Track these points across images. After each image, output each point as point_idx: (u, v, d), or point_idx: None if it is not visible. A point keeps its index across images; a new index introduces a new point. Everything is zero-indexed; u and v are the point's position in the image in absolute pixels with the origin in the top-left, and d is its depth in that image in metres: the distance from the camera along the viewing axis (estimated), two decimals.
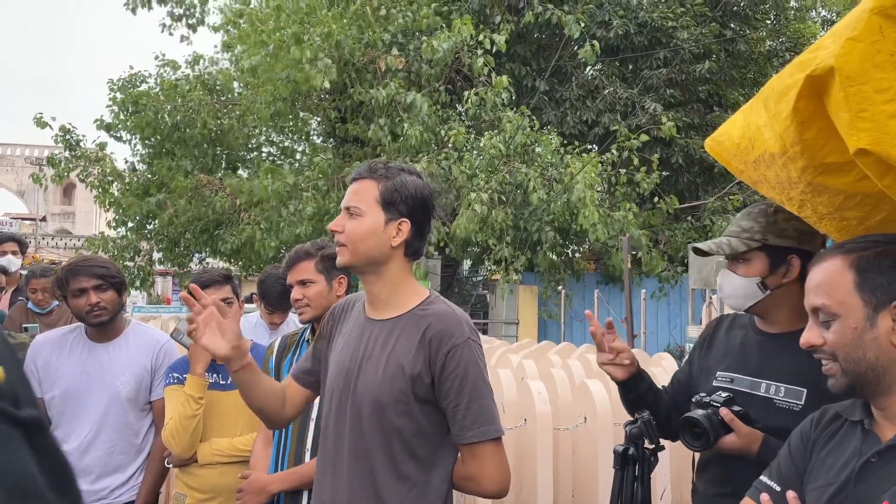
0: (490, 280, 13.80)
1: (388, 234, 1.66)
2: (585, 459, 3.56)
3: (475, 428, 1.60)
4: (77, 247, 30.61)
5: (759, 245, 1.78)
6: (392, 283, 1.69)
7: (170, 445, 2.43)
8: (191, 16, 13.15)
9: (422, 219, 1.70)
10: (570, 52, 12.36)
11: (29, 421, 0.42)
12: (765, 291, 1.78)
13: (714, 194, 13.06)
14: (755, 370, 1.80)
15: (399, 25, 10.59)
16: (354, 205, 1.67)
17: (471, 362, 1.62)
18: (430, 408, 1.63)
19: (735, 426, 1.68)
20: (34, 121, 12.12)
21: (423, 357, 1.61)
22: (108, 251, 12.49)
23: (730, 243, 1.80)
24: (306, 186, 10.23)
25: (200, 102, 11.94)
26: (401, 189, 1.67)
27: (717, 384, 1.85)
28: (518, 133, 9.85)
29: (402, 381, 1.60)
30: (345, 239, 1.66)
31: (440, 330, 1.62)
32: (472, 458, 1.63)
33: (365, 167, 1.71)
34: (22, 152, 40.57)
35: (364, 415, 1.62)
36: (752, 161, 1.53)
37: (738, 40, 13.59)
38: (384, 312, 1.70)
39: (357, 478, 1.62)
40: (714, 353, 1.93)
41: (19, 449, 0.40)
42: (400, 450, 1.61)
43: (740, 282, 1.80)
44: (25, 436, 0.41)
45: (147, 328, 2.79)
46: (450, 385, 1.60)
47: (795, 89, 1.22)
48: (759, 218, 1.80)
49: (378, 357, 1.65)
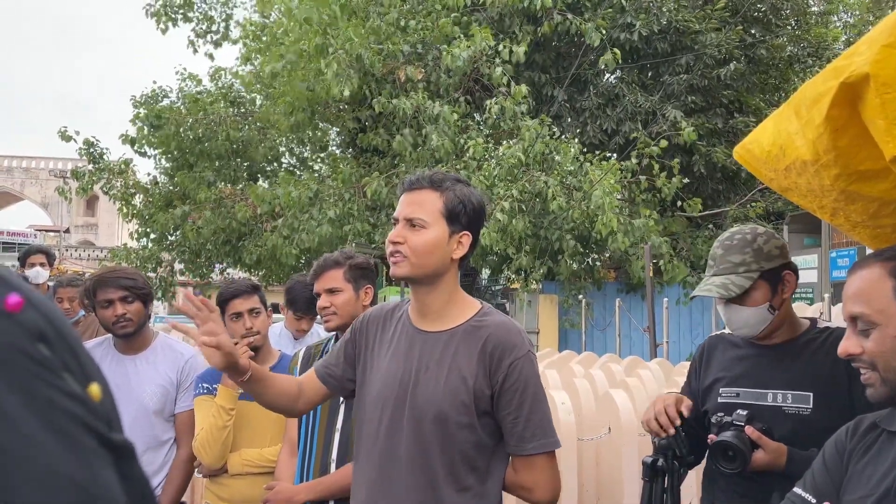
0: (509, 289, 13.76)
1: (450, 248, 1.65)
2: (610, 470, 3.53)
3: (535, 440, 1.61)
4: (100, 258, 31.01)
5: (758, 275, 1.80)
6: (446, 294, 1.68)
7: (200, 456, 2.44)
8: (215, 32, 13.36)
9: (478, 231, 1.70)
10: (590, 60, 12.33)
11: (120, 445, 0.42)
12: (774, 313, 1.82)
13: (736, 202, 12.95)
14: (759, 381, 1.83)
15: (418, 37, 10.65)
16: (419, 217, 1.63)
17: (531, 374, 1.62)
18: (488, 419, 1.63)
19: (763, 443, 1.69)
20: (59, 134, 12.32)
21: (483, 369, 1.60)
22: (131, 262, 12.64)
23: (733, 283, 1.81)
24: (329, 195, 10.29)
25: (222, 115, 12.08)
26: (465, 202, 1.65)
27: (723, 400, 1.87)
28: (537, 141, 9.84)
29: (464, 394, 1.59)
30: (407, 251, 1.62)
31: (502, 342, 1.61)
32: (527, 469, 1.63)
33: (425, 177, 1.68)
34: (46, 165, 41.26)
35: (425, 427, 1.60)
36: (782, 169, 1.52)
37: (760, 45, 13.49)
38: (437, 324, 1.68)
39: (416, 491, 1.60)
40: (713, 372, 1.95)
41: (106, 470, 0.40)
42: (460, 462, 1.61)
43: (749, 312, 1.82)
44: (114, 460, 0.41)
45: (174, 341, 2.80)
46: (510, 397, 1.60)
47: (829, 96, 1.21)
48: (746, 249, 1.83)
49: (436, 369, 1.63)
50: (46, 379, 0.38)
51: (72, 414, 0.39)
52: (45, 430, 0.37)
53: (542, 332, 12.62)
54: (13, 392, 0.36)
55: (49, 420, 0.37)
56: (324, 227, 9.72)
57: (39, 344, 0.39)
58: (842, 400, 1.70)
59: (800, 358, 1.81)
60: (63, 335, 0.41)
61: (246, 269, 12.00)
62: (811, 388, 1.75)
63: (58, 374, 0.39)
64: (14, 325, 0.38)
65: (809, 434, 1.68)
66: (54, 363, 0.39)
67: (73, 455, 0.38)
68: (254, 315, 2.55)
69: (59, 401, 0.38)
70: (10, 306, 0.39)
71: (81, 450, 0.38)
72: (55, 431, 0.37)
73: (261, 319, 2.57)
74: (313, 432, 2.24)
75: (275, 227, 10.53)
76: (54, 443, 0.37)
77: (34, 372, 0.38)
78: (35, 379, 0.38)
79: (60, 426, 0.38)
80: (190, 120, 12.07)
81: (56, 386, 0.39)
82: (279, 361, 2.62)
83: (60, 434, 0.37)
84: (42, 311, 0.41)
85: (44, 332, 0.40)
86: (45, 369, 0.38)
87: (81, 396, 0.40)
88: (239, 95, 13.49)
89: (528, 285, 10.53)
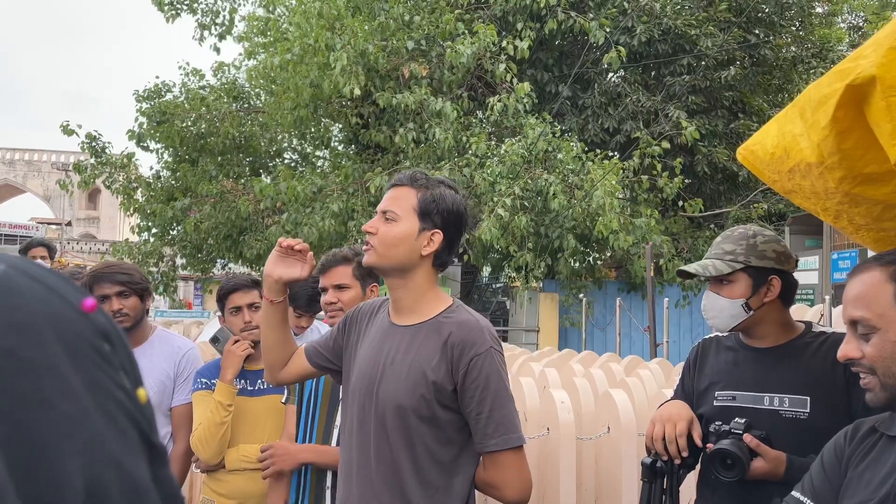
0: (510, 287, 13.76)
1: (419, 243, 1.69)
2: (609, 469, 3.53)
3: (497, 436, 1.62)
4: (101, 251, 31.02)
5: (742, 267, 1.81)
6: (417, 290, 1.72)
7: (198, 451, 2.44)
8: (220, 25, 13.35)
9: (454, 232, 1.73)
10: (593, 58, 12.31)
11: (157, 447, 0.47)
12: (748, 312, 1.82)
13: (738, 202, 12.93)
14: (755, 385, 1.82)
15: (422, 33, 10.64)
16: (391, 209, 1.70)
17: (493, 371, 1.64)
18: (453, 414, 1.65)
19: (762, 451, 1.68)
20: (60, 128, 12.30)
21: (445, 364, 1.63)
22: (133, 257, 12.64)
23: (714, 265, 1.83)
24: (332, 190, 10.30)
25: (224, 111, 12.07)
26: (439, 200, 1.70)
27: (718, 403, 1.86)
28: (540, 139, 9.82)
29: (423, 387, 1.62)
30: (376, 241, 1.69)
31: (462, 338, 1.64)
32: (493, 466, 1.65)
33: (406, 175, 1.75)
34: (49, 158, 41.25)
35: (388, 421, 1.64)
36: (786, 171, 1.51)
37: (763, 46, 13.45)
38: (408, 319, 1.72)
39: (384, 484, 1.64)
40: (707, 376, 1.94)
41: (144, 463, 0.45)
42: (423, 455, 1.63)
43: (725, 303, 1.83)
44: (149, 459, 0.46)
45: (172, 335, 2.79)
46: (472, 394, 1.62)
47: (835, 98, 1.20)
48: (741, 241, 1.83)
49: (400, 363, 1.67)
50: (107, 371, 0.45)
51: (123, 406, 0.45)
52: (99, 411, 0.42)
53: (542, 330, 12.62)
54: (78, 373, 0.42)
55: (104, 404, 0.43)
56: (327, 221, 9.72)
57: (105, 343, 0.46)
58: (840, 404, 1.69)
59: (796, 361, 1.80)
60: (123, 340, 0.48)
61: (247, 264, 11.99)
62: (808, 391, 1.74)
63: (116, 370, 0.45)
64: (88, 323, 0.45)
65: (807, 438, 1.68)
66: (114, 361, 0.46)
67: (118, 438, 0.43)
68: (253, 309, 2.55)
69: (115, 392, 0.44)
70: (86, 307, 0.46)
71: (126, 437, 0.44)
72: (107, 414, 0.43)
73: (260, 314, 2.57)
74: (312, 426, 2.23)
75: (276, 221, 10.52)
76: (104, 423, 0.42)
77: (98, 363, 0.44)
78: (98, 369, 0.44)
79: (112, 412, 0.43)
80: (193, 115, 12.06)
81: (114, 379, 0.45)
82: None
83: (111, 418, 0.43)
84: (108, 317, 0.48)
85: (109, 334, 0.46)
86: (107, 363, 0.45)
87: (132, 394, 0.46)
88: (242, 91, 13.48)
89: (528, 283, 10.52)
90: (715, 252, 1.87)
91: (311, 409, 2.25)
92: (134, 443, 0.44)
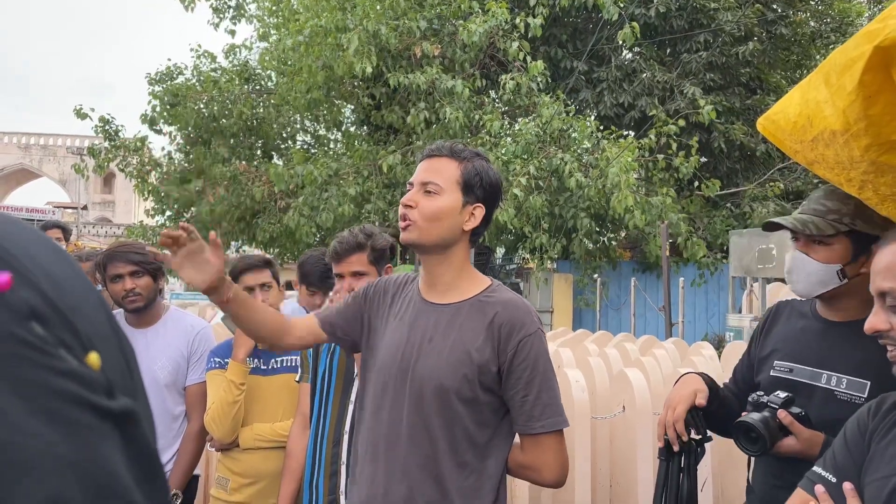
0: (524, 268, 13.72)
1: (462, 217, 1.62)
2: (623, 449, 3.52)
3: (544, 419, 1.58)
4: (117, 234, 31.27)
5: (847, 229, 1.61)
6: (456, 266, 1.66)
7: (212, 430, 2.45)
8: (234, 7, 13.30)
9: (492, 206, 1.68)
10: (608, 34, 12.15)
11: (120, 412, 0.40)
12: (842, 280, 1.63)
13: (754, 181, 12.77)
14: (816, 360, 1.68)
15: (434, 12, 10.53)
16: (433, 181, 1.60)
17: (541, 352, 1.60)
18: (492, 396, 1.60)
19: (795, 430, 1.59)
20: (74, 112, 12.34)
21: (491, 345, 1.58)
22: (148, 239, 12.72)
23: (815, 223, 1.62)
24: (347, 172, 10.26)
25: (237, 93, 12.04)
26: (482, 174, 1.64)
27: (775, 374, 1.76)
28: (554, 118, 9.72)
29: (467, 367, 1.57)
30: (416, 216, 1.60)
31: (510, 319, 1.59)
32: (535, 448, 1.61)
33: (446, 146, 1.66)
34: (64, 142, 41.50)
35: (426, 400, 1.58)
36: (809, 140, 1.46)
37: (781, 22, 13.21)
38: (445, 297, 1.66)
39: (416, 464, 1.59)
40: (772, 342, 1.83)
41: (104, 443, 0.39)
42: (461, 437, 1.59)
43: (816, 267, 1.64)
44: (116, 427, 0.40)
45: (185, 314, 2.80)
46: (519, 375, 1.58)
47: (862, 61, 1.15)
48: (847, 200, 1.61)
49: (441, 341, 1.61)
50: (37, 360, 0.37)
51: (64, 393, 0.37)
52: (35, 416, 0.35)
53: (556, 311, 12.58)
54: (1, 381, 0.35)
55: (38, 404, 0.36)
56: (345, 206, 9.70)
57: (32, 322, 0.37)
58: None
59: (865, 341, 1.60)
60: (60, 308, 0.39)
61: (260, 247, 12.03)
62: (870, 376, 1.58)
63: (50, 353, 0.38)
64: (4, 310, 0.37)
65: None
66: (48, 341, 0.38)
67: (66, 436, 0.36)
68: (265, 289, 2.54)
69: (50, 381, 0.37)
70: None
71: (75, 428, 0.37)
72: (45, 415, 0.36)
73: (272, 294, 2.56)
74: (327, 404, 2.22)
75: (289, 204, 10.52)
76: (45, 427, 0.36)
77: (21, 355, 0.36)
78: (22, 363, 0.36)
79: (50, 408, 0.36)
80: (205, 97, 12.04)
81: (47, 366, 0.37)
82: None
83: (50, 416, 0.36)
84: (37, 285, 0.39)
85: (36, 309, 0.38)
86: (34, 350, 0.37)
87: (77, 371, 0.39)
88: (254, 73, 13.43)
89: (543, 264, 10.47)
90: (814, 208, 1.65)
91: (326, 387, 2.24)
92: (85, 427, 0.38)
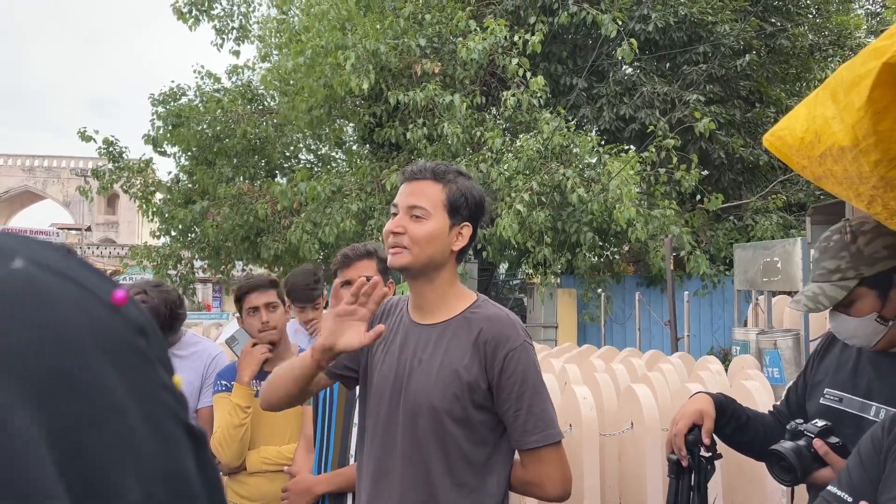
0: (527, 283, 13.69)
1: (451, 239, 1.63)
2: (632, 465, 3.49)
3: (537, 432, 1.57)
4: (121, 255, 31.30)
5: (856, 283, 1.57)
6: (443, 286, 1.66)
7: (218, 454, 2.43)
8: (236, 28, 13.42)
9: (478, 222, 1.69)
10: (607, 50, 12.22)
11: (198, 433, 0.44)
12: (886, 324, 1.57)
13: (757, 193, 12.77)
14: (865, 391, 1.63)
15: (433, 31, 10.60)
16: (420, 205, 1.60)
17: (529, 366, 1.59)
18: (486, 414, 1.59)
19: (830, 460, 1.54)
20: (78, 135, 12.39)
21: (478, 362, 1.57)
22: (152, 260, 12.73)
23: (824, 293, 1.59)
24: (350, 189, 10.30)
25: (240, 113, 12.11)
26: (467, 194, 1.64)
27: (824, 402, 1.70)
28: (556, 134, 9.75)
29: (456, 387, 1.56)
30: (407, 241, 1.59)
31: (495, 334, 1.58)
32: (534, 463, 1.60)
33: (426, 168, 1.66)
34: (67, 164, 41.69)
35: (419, 421, 1.58)
36: (817, 156, 1.45)
37: (780, 35, 13.27)
38: (432, 317, 1.66)
39: (411, 487, 1.58)
40: (825, 368, 1.77)
41: (188, 458, 0.42)
42: (456, 457, 1.57)
43: (856, 324, 1.59)
44: (193, 448, 0.43)
45: (202, 339, 2.82)
46: (509, 390, 1.57)
47: (870, 78, 1.15)
48: (842, 252, 1.58)
49: (429, 362, 1.60)
50: (146, 372, 0.41)
51: (167, 405, 0.42)
52: (146, 422, 0.39)
53: (560, 326, 12.55)
54: (123, 383, 0.39)
55: (149, 411, 0.40)
56: (347, 222, 9.72)
57: (140, 338, 0.42)
58: None
59: None
60: (155, 328, 0.44)
61: (264, 266, 12.04)
62: None
63: (154, 366, 0.42)
64: (122, 320, 0.41)
65: None
66: (151, 355, 0.42)
67: (166, 446, 0.40)
68: (270, 309, 2.53)
69: (157, 393, 0.41)
70: (116, 300, 0.41)
71: (172, 441, 0.41)
72: (153, 422, 0.40)
73: (278, 314, 2.56)
74: (329, 428, 2.22)
75: (292, 222, 10.55)
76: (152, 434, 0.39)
77: (137, 365, 0.41)
78: (138, 371, 0.41)
79: (157, 417, 0.40)
80: (208, 118, 12.11)
81: (154, 378, 0.42)
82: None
83: (156, 425, 0.40)
84: (138, 305, 0.44)
85: (143, 326, 0.42)
86: (145, 362, 0.41)
87: (171, 387, 0.43)
88: (256, 93, 13.51)
89: (547, 279, 10.45)
90: (818, 273, 1.61)
91: (328, 411, 2.23)
92: (179, 442, 0.42)
